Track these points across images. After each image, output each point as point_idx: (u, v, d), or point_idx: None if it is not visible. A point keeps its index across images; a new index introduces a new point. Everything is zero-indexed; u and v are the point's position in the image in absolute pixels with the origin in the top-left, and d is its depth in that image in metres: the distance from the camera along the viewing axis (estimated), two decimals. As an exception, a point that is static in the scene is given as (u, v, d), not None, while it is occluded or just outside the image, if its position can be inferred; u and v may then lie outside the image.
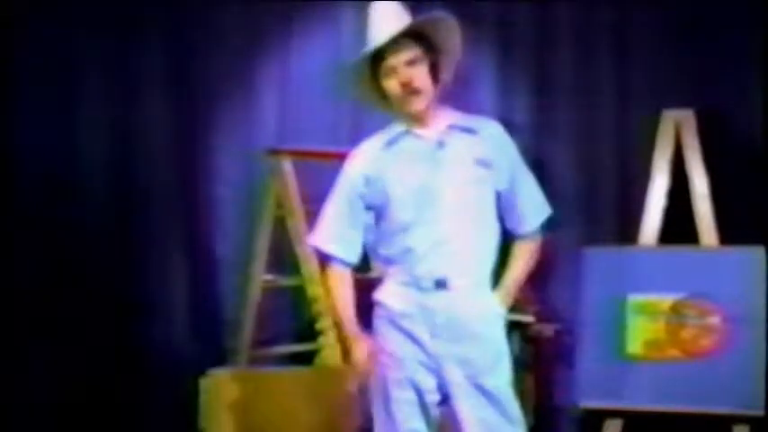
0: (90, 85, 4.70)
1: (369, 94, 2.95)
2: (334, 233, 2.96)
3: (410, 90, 2.84)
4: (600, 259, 4.42)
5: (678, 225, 4.41)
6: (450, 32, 2.91)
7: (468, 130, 2.91)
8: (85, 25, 4.68)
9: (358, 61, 2.90)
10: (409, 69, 2.84)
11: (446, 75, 2.95)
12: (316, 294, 4.49)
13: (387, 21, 2.86)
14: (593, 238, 4.57)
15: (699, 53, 4.53)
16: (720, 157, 4.41)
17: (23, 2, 4.55)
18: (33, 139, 4.58)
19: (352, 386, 4.07)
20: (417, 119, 2.90)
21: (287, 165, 4.59)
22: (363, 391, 3.01)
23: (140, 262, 4.73)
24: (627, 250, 4.46)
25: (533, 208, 2.98)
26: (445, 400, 2.85)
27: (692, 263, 4.30)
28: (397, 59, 2.83)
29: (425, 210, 2.83)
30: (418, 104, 2.86)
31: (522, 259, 3.00)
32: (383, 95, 2.91)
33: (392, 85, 2.86)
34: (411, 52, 2.85)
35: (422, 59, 2.86)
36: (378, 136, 2.96)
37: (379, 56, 2.86)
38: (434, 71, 2.89)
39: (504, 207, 2.95)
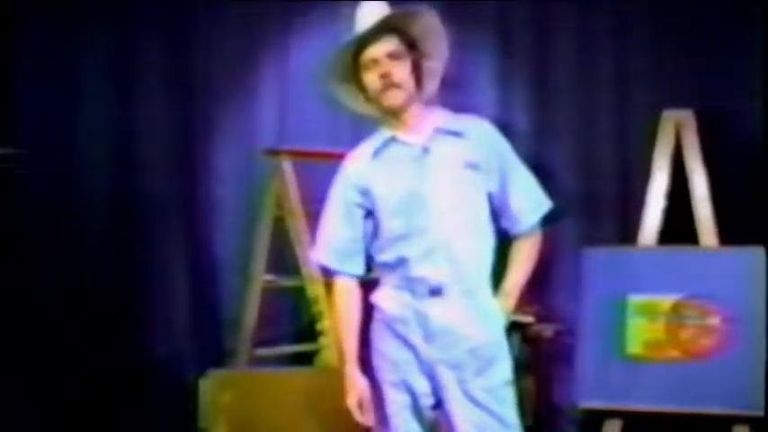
0: (90, 85, 4.70)
1: (350, 93, 2.93)
2: (338, 248, 2.94)
3: (389, 83, 2.82)
4: (600, 259, 4.42)
5: (678, 225, 4.40)
6: (433, 31, 2.89)
7: (455, 133, 2.88)
8: (85, 25, 4.67)
9: (339, 52, 2.88)
10: (390, 62, 2.82)
11: (431, 82, 2.93)
12: (316, 295, 4.49)
13: (371, 16, 2.85)
14: (593, 238, 4.57)
15: (699, 53, 4.53)
16: (720, 157, 4.41)
17: (23, 2, 4.55)
18: (33, 140, 4.57)
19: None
20: (399, 118, 2.87)
21: (287, 165, 4.59)
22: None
23: (140, 262, 4.73)
24: (627, 250, 4.46)
25: (528, 204, 2.94)
26: (440, 403, 2.85)
27: (692, 263, 4.29)
28: (378, 51, 2.82)
29: (416, 218, 2.81)
30: (396, 98, 2.83)
31: (522, 259, 2.96)
32: (364, 96, 2.89)
33: (371, 77, 2.83)
34: (392, 45, 2.83)
35: (404, 56, 2.84)
36: (364, 145, 2.94)
37: (361, 51, 2.84)
38: (417, 73, 2.87)
39: (498, 207, 2.92)
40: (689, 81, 4.54)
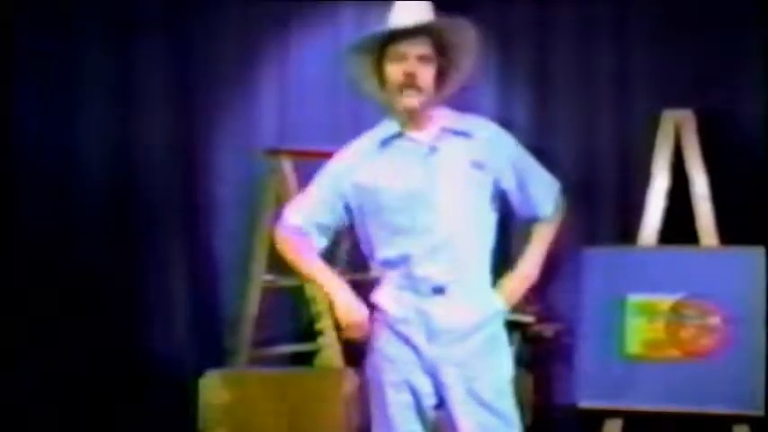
0: (90, 84, 4.69)
1: (369, 80, 2.90)
2: (308, 216, 2.93)
3: (411, 83, 2.80)
4: (600, 259, 4.42)
5: (678, 225, 4.41)
6: (468, 45, 2.88)
7: (462, 134, 2.88)
8: (85, 25, 4.67)
9: (371, 36, 2.84)
10: (418, 64, 2.80)
11: (449, 89, 2.91)
12: (316, 295, 4.49)
13: (411, 9, 2.83)
14: (593, 238, 4.57)
15: (699, 53, 4.54)
16: (720, 157, 4.41)
17: (23, 4, 4.54)
18: (33, 141, 4.57)
19: (350, 383, 4.09)
20: (410, 117, 2.87)
21: (287, 165, 4.59)
22: (362, 392, 3.01)
23: (140, 262, 4.72)
24: (627, 250, 4.46)
25: (546, 194, 2.98)
26: (441, 403, 2.85)
27: (692, 263, 4.30)
28: (410, 49, 2.79)
29: (420, 216, 2.81)
30: (413, 101, 2.82)
31: (542, 240, 3.00)
32: (382, 85, 2.88)
33: (396, 71, 2.81)
34: (425, 48, 2.81)
35: (432, 61, 2.83)
36: (371, 134, 2.94)
37: (391, 42, 2.81)
38: (440, 79, 2.86)
39: (517, 201, 2.93)
40: (689, 81, 4.54)
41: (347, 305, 2.84)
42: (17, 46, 4.55)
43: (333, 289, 2.88)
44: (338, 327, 2.92)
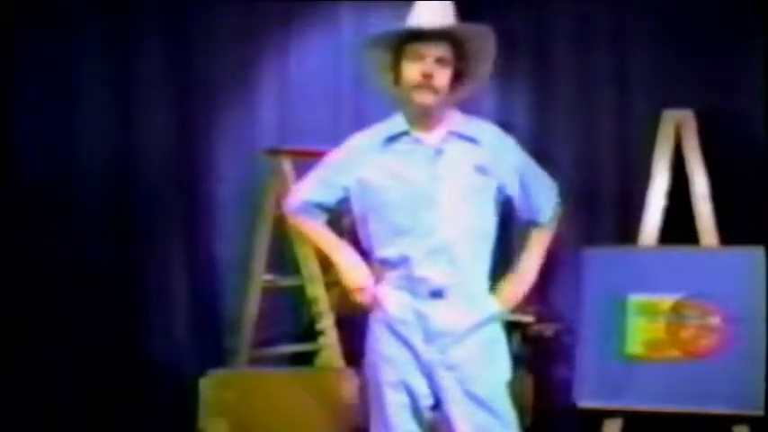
0: (90, 84, 4.69)
1: (383, 75, 2.90)
2: (309, 194, 3.02)
3: (428, 84, 2.81)
4: (600, 259, 4.42)
5: (678, 225, 4.41)
6: (486, 53, 2.89)
7: (468, 138, 2.89)
8: (85, 25, 4.67)
9: (392, 33, 2.85)
10: (436, 66, 2.81)
11: (462, 94, 2.93)
12: (316, 295, 4.49)
13: (434, 10, 2.83)
14: (593, 238, 4.57)
15: (699, 53, 4.54)
16: (720, 157, 4.41)
17: (23, 4, 4.54)
18: (32, 139, 4.57)
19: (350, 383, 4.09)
20: (421, 116, 2.87)
21: (287, 165, 4.59)
22: (362, 392, 3.02)
23: (140, 262, 4.72)
24: (627, 250, 4.46)
25: (545, 196, 3.00)
26: (438, 404, 2.85)
27: (692, 263, 4.30)
28: (430, 50, 2.80)
29: (422, 217, 2.81)
30: (428, 99, 2.83)
31: (540, 245, 3.02)
32: (396, 81, 2.88)
33: (413, 70, 2.82)
34: (444, 51, 2.82)
35: (449, 64, 2.84)
36: (377, 129, 2.94)
37: (410, 40, 2.83)
38: (455, 83, 2.87)
39: (520, 205, 2.96)
40: (689, 81, 4.54)
41: (352, 268, 2.92)
42: (17, 46, 4.55)
43: (338, 253, 2.97)
44: (345, 291, 2.99)
